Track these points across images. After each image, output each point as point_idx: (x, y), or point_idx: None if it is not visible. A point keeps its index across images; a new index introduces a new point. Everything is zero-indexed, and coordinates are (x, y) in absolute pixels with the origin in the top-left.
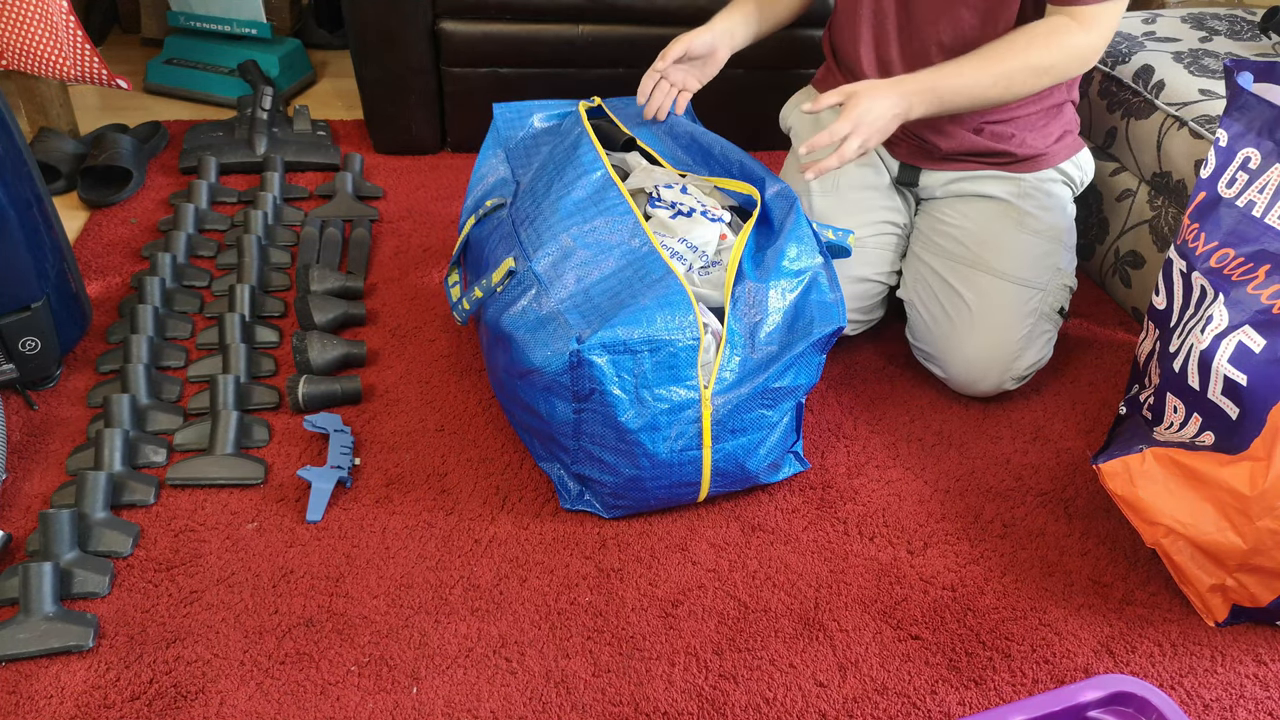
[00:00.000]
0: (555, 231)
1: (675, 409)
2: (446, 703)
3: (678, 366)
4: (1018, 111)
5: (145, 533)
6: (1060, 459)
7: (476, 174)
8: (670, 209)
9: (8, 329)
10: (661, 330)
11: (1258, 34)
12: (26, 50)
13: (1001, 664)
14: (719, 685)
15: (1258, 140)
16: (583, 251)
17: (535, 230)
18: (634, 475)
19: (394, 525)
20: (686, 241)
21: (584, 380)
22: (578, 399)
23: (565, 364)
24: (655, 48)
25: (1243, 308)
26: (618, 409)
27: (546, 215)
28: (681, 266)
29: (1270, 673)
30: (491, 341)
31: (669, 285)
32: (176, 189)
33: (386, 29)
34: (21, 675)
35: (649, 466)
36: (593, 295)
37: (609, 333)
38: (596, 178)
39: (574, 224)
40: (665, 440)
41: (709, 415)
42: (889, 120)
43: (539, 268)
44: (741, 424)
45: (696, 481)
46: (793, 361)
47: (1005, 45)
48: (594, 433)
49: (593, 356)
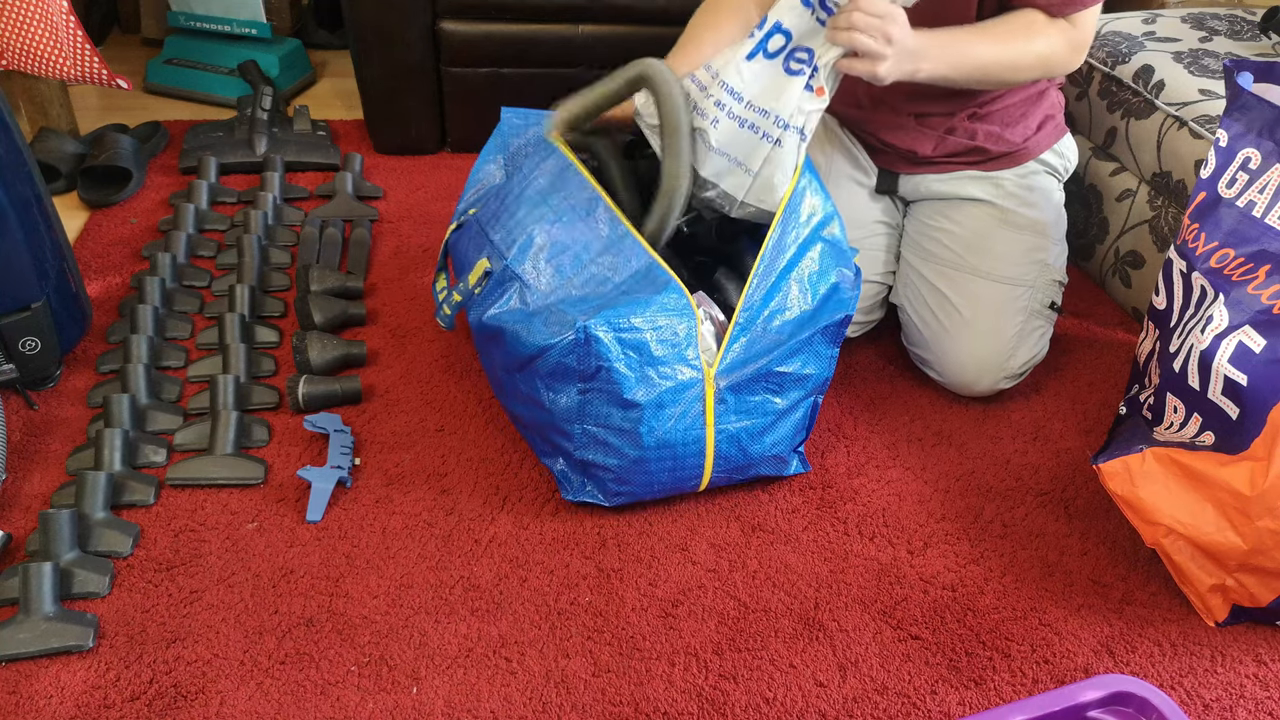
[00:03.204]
0: (524, 225)
1: (680, 387)
2: (446, 703)
3: (680, 345)
4: (999, 104)
5: (145, 533)
6: (1060, 459)
7: (473, 177)
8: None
9: (8, 329)
10: (660, 314)
11: (1258, 34)
12: (26, 50)
13: (1001, 664)
14: (719, 685)
15: (1258, 140)
16: (555, 241)
17: (504, 228)
18: (638, 456)
19: (394, 525)
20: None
21: (590, 357)
22: (583, 379)
23: (571, 342)
24: (655, 48)
25: (1243, 308)
26: (624, 386)
27: (512, 210)
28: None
29: (1270, 673)
30: (484, 341)
31: (654, 274)
32: (176, 189)
33: (386, 29)
34: (21, 675)
35: (653, 446)
36: (576, 285)
37: (612, 313)
38: (553, 163)
39: (540, 214)
40: (669, 419)
41: (712, 394)
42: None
43: (516, 266)
44: (745, 406)
45: (700, 465)
46: (800, 347)
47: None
48: (599, 413)
49: (598, 332)
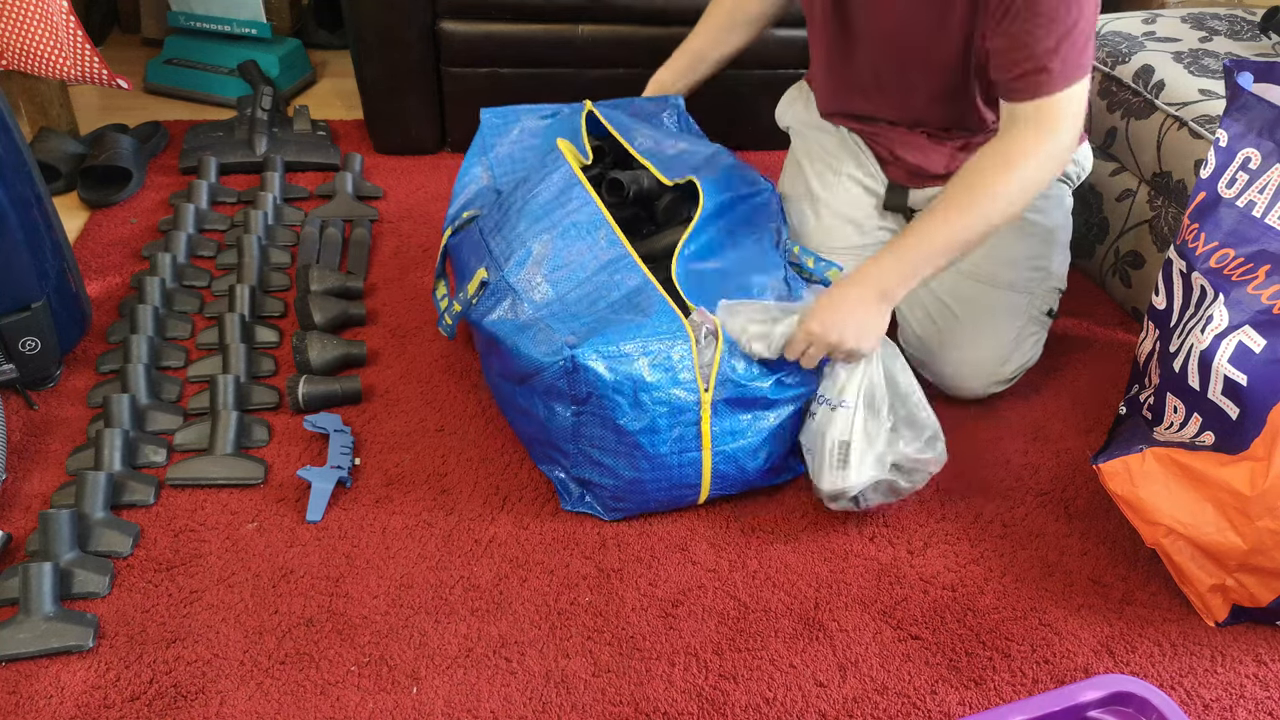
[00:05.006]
0: (524, 238)
1: (674, 411)
2: (446, 703)
3: (673, 370)
4: None
5: (145, 533)
6: (1060, 459)
7: (459, 182)
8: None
9: (8, 329)
10: (652, 339)
11: (1258, 34)
12: (26, 50)
13: (1001, 664)
14: (719, 685)
15: (1258, 140)
16: (553, 256)
17: (504, 238)
18: (634, 478)
19: (394, 525)
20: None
21: (581, 385)
22: (576, 402)
23: (561, 368)
24: (655, 48)
25: (1243, 308)
26: (616, 413)
27: (514, 222)
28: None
29: (1270, 673)
30: (485, 347)
31: (649, 296)
32: (176, 189)
33: (386, 29)
34: (21, 675)
35: (649, 469)
36: (569, 302)
37: (601, 340)
38: (559, 177)
39: (541, 228)
40: (665, 443)
41: (708, 418)
42: (871, 318)
43: (511, 277)
44: (740, 427)
45: (696, 483)
46: (795, 368)
47: (968, 185)
48: (593, 436)
49: (588, 361)
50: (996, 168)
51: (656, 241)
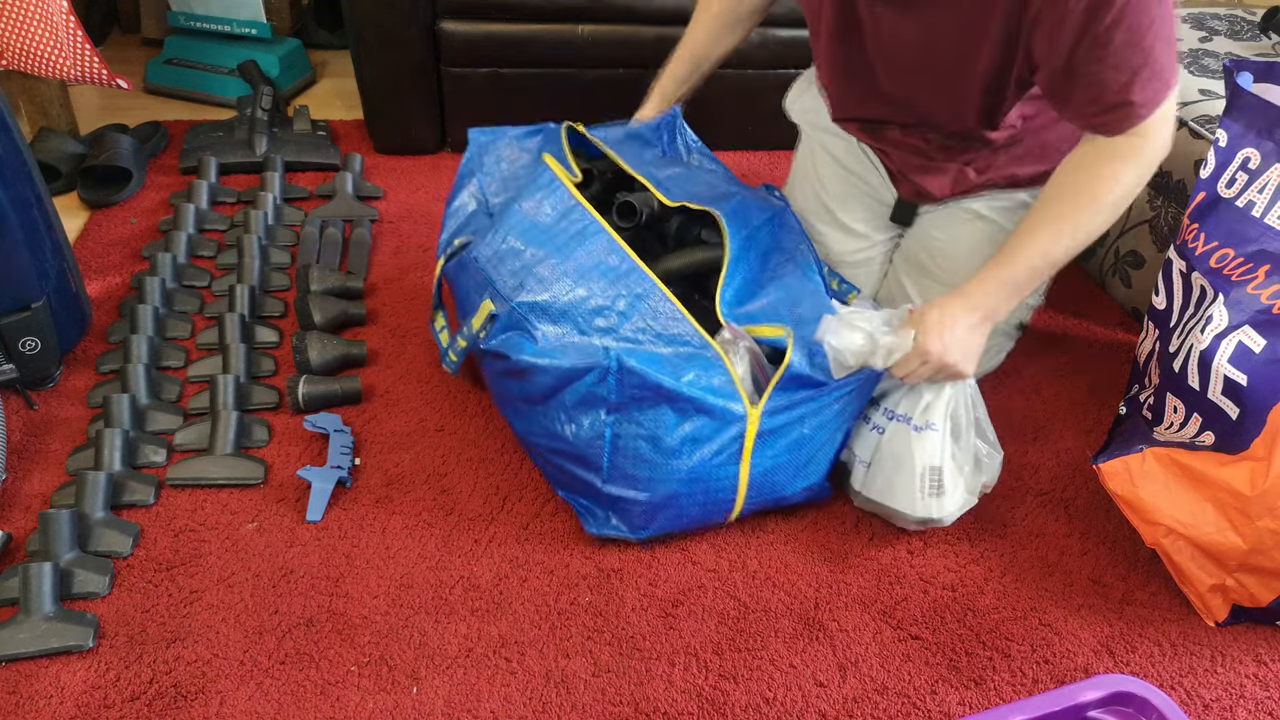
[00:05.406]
0: (530, 265)
1: (718, 424)
2: (446, 703)
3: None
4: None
5: (145, 533)
6: (1060, 459)
7: (450, 206)
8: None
9: (8, 329)
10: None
11: (1258, 34)
12: (26, 50)
13: (1001, 664)
14: (719, 685)
15: (1258, 140)
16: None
17: (508, 269)
18: (669, 492)
19: (394, 525)
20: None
21: (623, 387)
22: (612, 410)
23: (600, 372)
24: (655, 47)
25: (1243, 308)
26: (656, 420)
27: (517, 250)
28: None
29: (1270, 673)
30: (497, 376)
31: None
32: (176, 189)
33: (386, 29)
34: (21, 675)
35: (685, 481)
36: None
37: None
38: (558, 200)
39: (546, 251)
40: (704, 453)
41: (753, 433)
42: (975, 340)
43: (523, 308)
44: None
45: (731, 499)
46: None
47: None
48: (630, 446)
49: (630, 363)
50: (1097, 180)
51: (672, 261)
